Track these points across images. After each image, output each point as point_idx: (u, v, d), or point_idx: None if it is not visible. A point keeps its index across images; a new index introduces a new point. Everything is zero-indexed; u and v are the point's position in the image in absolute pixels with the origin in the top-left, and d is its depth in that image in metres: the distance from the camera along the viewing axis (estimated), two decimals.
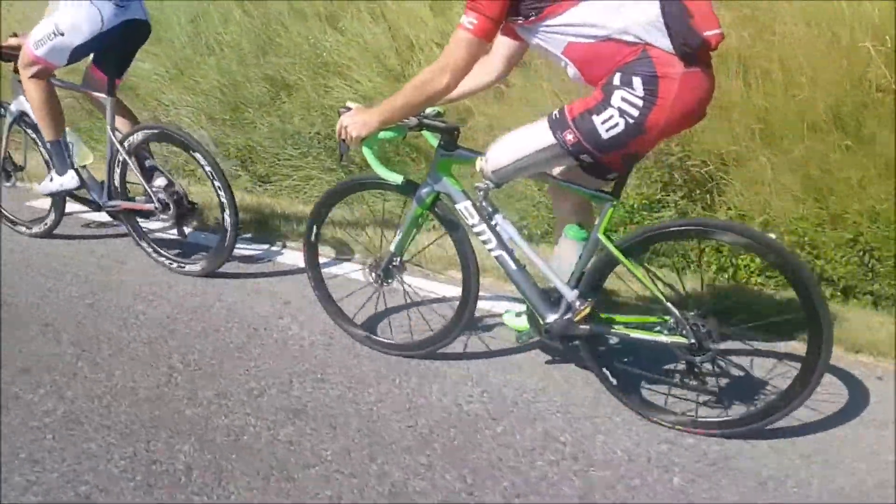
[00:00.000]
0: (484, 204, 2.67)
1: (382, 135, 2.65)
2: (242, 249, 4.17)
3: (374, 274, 3.05)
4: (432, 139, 2.78)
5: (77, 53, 3.73)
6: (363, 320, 3.25)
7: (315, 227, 3.14)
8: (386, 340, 3.12)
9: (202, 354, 3.05)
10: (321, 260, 3.30)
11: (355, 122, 2.57)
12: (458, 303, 2.89)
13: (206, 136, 6.04)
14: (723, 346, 2.51)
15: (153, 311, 3.42)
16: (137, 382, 2.84)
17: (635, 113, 2.26)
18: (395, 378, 2.87)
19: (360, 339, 3.14)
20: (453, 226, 2.79)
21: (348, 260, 4.05)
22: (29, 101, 3.87)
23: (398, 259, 2.99)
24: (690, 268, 4.11)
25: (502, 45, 2.69)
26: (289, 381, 2.85)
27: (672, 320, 2.48)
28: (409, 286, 3.17)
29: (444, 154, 2.72)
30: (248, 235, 4.49)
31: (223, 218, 3.68)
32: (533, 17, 2.34)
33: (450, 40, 2.38)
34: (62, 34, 3.64)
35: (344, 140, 2.61)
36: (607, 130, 2.29)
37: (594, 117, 2.30)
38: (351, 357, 3.02)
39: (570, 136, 2.34)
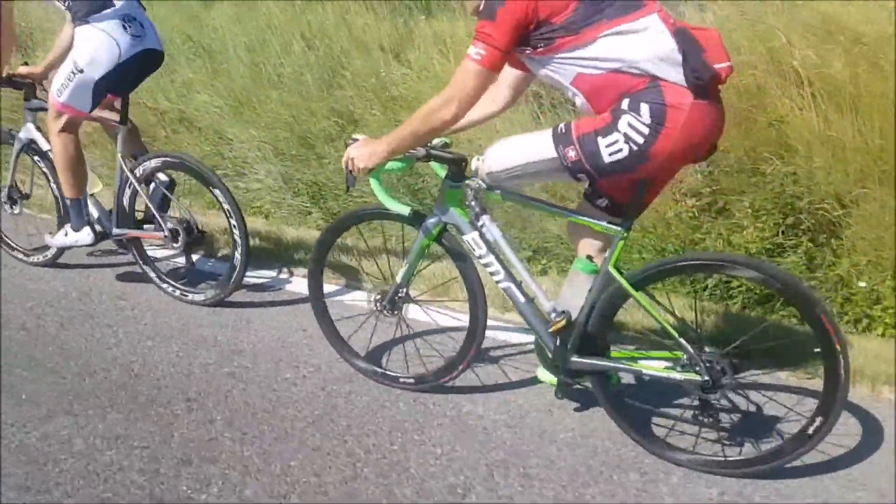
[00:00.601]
0: (473, 203, 2.57)
1: (390, 166, 2.62)
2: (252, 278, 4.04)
3: (379, 305, 2.96)
4: (440, 170, 2.73)
5: (99, 89, 3.51)
6: (368, 352, 3.19)
7: (320, 257, 3.07)
8: (391, 373, 3.05)
9: (379, 437, 2.72)
10: (325, 290, 3.21)
11: (362, 153, 2.52)
12: (465, 334, 2.83)
13: (273, 172, 5.74)
14: (737, 381, 2.43)
15: (304, 382, 3.09)
16: (321, 476, 2.51)
17: (640, 140, 2.22)
18: (612, 474, 2.52)
19: (366, 372, 3.08)
20: (460, 257, 2.74)
21: (354, 290, 3.87)
22: (54, 156, 3.69)
23: (404, 290, 2.91)
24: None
25: (508, 75, 2.64)
26: (489, 474, 2.52)
27: (685, 357, 2.42)
28: (416, 317, 3.10)
29: (451, 185, 2.64)
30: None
31: (233, 255, 3.62)
32: (542, 49, 2.29)
33: (457, 71, 2.33)
34: (81, 71, 3.43)
35: (351, 171, 2.54)
36: (610, 154, 2.26)
37: (599, 139, 2.26)
38: (547, 443, 2.69)
39: (571, 153, 2.31)
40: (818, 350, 2.28)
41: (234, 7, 7.11)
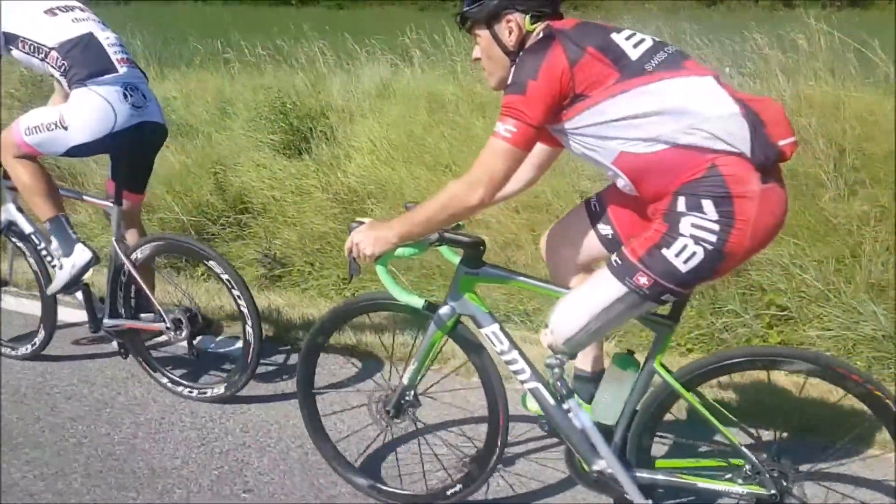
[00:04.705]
0: (559, 384, 2.13)
1: (399, 252, 2.19)
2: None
3: (381, 411, 2.48)
4: (451, 255, 2.34)
5: (77, 151, 3.07)
6: (364, 463, 2.70)
7: (315, 347, 2.58)
8: (394, 490, 2.57)
9: None
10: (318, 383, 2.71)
11: (368, 238, 2.10)
12: (483, 439, 2.41)
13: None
14: (805, 491, 2.04)
15: None
16: None
17: (713, 238, 1.83)
18: None
19: (361, 487, 2.59)
20: (478, 352, 2.32)
21: (346, 387, 3.30)
22: (14, 181, 3.19)
23: (412, 392, 2.43)
24: None
25: (533, 152, 2.12)
26: None
27: (748, 466, 2.04)
28: (425, 419, 2.64)
29: (467, 272, 2.24)
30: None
31: (244, 331, 3.08)
32: (579, 103, 1.89)
33: (483, 151, 1.94)
34: (65, 128, 2.98)
35: (355, 259, 2.13)
36: (685, 262, 1.85)
37: (664, 252, 1.87)
38: None
39: (643, 280, 1.90)
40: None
41: None
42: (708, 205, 1.82)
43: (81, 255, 3.18)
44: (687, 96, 1.83)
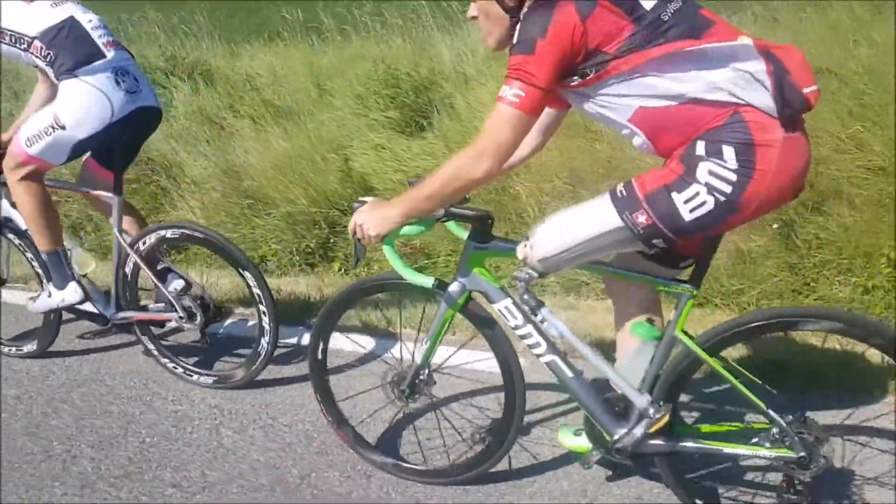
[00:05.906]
0: (526, 297, 2.03)
1: (405, 230, 2.12)
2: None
3: (396, 390, 2.42)
4: (459, 230, 2.28)
5: (80, 148, 2.98)
6: (381, 439, 2.67)
7: (325, 329, 2.52)
8: (417, 467, 2.53)
9: None
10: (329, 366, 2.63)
11: (373, 217, 2.01)
12: (500, 416, 2.36)
13: None
14: (832, 452, 1.97)
15: None
16: None
17: (728, 189, 1.73)
18: None
19: (378, 463, 2.56)
20: (490, 328, 2.26)
21: (359, 366, 3.21)
22: (19, 207, 3.11)
23: (425, 371, 2.37)
24: None
25: (542, 114, 2.00)
26: None
27: (775, 429, 1.96)
28: (439, 394, 2.58)
29: (476, 246, 2.16)
30: None
31: (260, 317, 3.01)
32: (592, 76, 1.77)
33: (489, 118, 1.82)
34: (63, 127, 2.86)
35: (360, 240, 2.05)
36: (691, 211, 1.76)
37: (674, 195, 1.76)
38: None
39: (642, 218, 1.79)
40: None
41: None
42: (728, 151, 1.72)
43: (73, 294, 3.16)
44: (711, 63, 1.72)
